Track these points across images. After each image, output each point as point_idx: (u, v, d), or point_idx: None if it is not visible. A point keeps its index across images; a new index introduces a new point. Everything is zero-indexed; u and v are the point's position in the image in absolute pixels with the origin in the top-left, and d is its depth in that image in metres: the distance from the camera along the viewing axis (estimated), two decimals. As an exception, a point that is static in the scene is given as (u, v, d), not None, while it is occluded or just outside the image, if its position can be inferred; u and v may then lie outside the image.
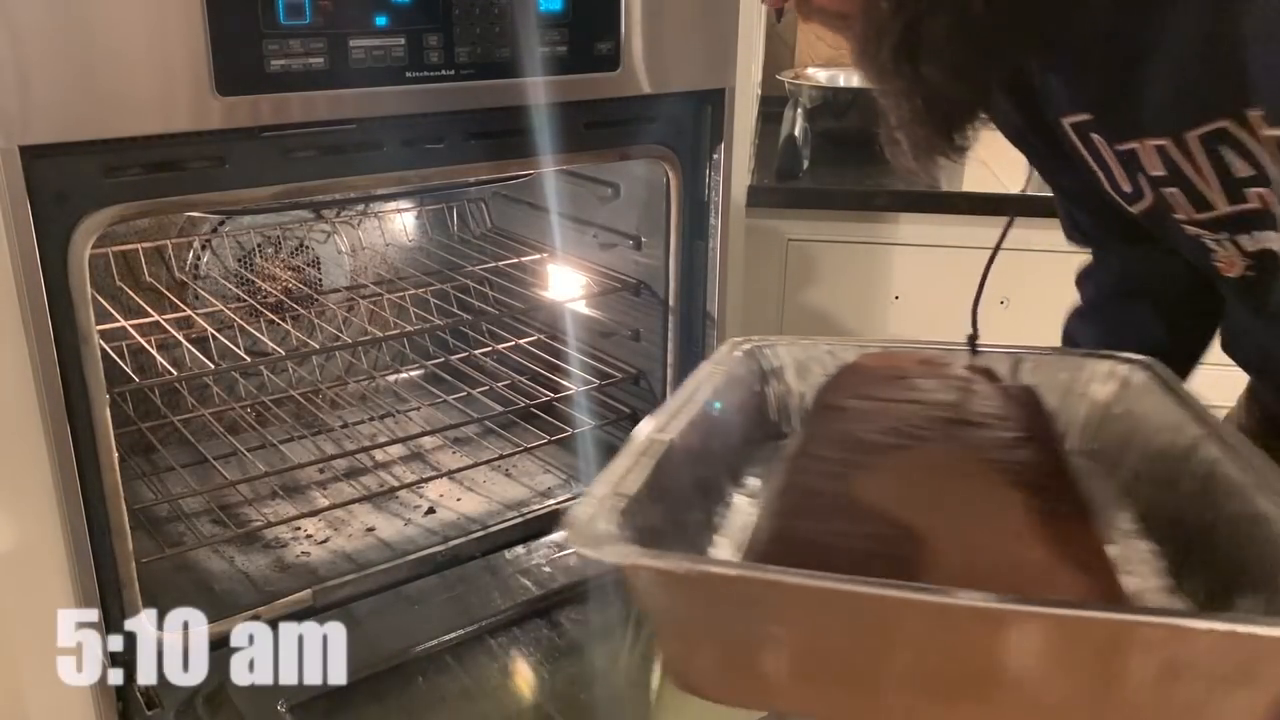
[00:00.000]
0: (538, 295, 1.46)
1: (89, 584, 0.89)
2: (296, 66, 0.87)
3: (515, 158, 1.04)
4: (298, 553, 1.16)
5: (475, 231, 1.64)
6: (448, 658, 0.99)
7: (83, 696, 0.89)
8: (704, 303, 1.24)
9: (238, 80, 0.84)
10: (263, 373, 1.46)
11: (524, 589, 1.08)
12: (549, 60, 0.99)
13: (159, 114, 0.82)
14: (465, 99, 0.97)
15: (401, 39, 0.91)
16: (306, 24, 0.86)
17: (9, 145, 0.76)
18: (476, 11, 0.95)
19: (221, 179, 0.87)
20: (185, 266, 1.39)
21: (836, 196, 1.66)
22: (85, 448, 0.86)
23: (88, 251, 0.83)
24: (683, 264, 1.23)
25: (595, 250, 1.39)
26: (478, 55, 0.96)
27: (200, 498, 1.23)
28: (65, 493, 0.85)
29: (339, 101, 0.90)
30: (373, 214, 1.55)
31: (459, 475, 1.31)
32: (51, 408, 0.83)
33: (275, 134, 0.88)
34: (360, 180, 0.97)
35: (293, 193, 0.94)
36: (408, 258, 1.60)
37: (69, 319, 0.83)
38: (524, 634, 1.03)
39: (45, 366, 0.82)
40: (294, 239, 1.49)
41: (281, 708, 0.89)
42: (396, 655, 0.97)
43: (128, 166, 0.83)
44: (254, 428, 1.42)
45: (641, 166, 1.23)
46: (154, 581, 0.99)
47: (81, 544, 0.87)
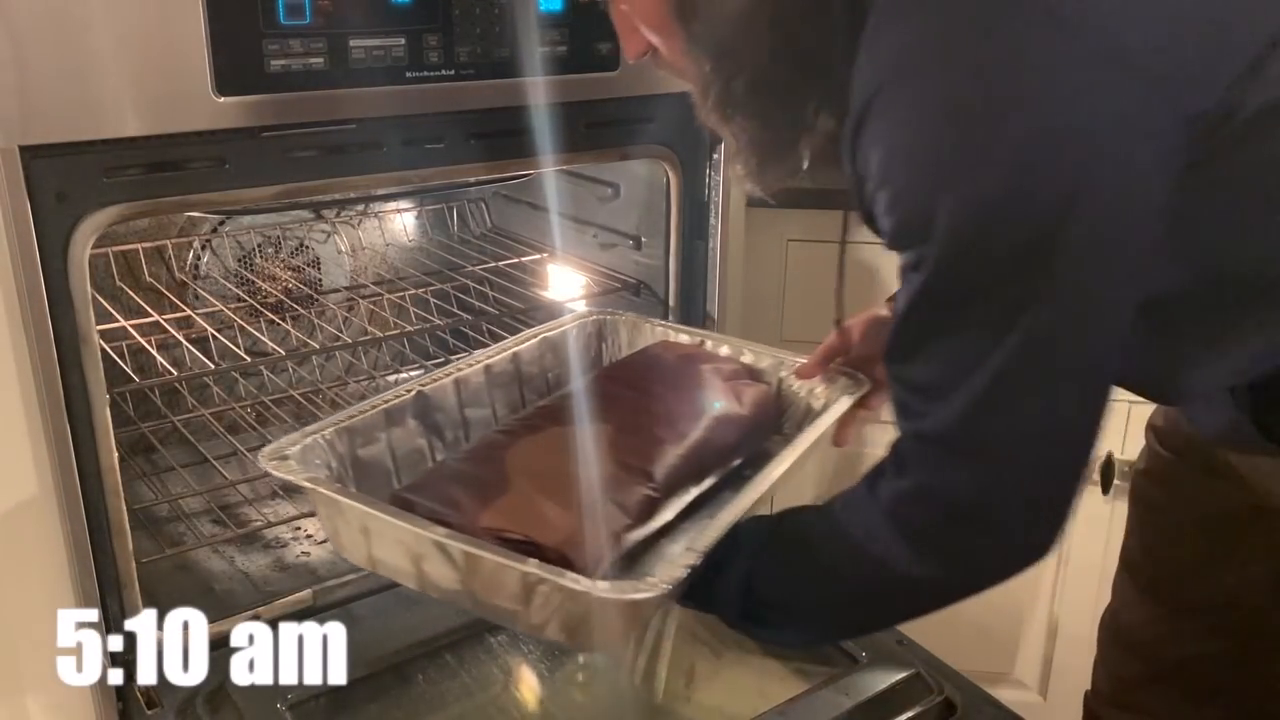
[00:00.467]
0: (538, 295, 1.46)
1: (89, 584, 0.89)
2: (296, 66, 0.87)
3: (515, 158, 1.04)
4: (298, 553, 1.16)
5: (475, 231, 1.64)
6: (448, 657, 0.99)
7: (83, 696, 0.89)
8: (704, 303, 1.24)
9: (238, 80, 0.84)
10: (263, 373, 1.46)
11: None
12: (549, 60, 0.99)
13: (159, 114, 0.82)
14: (465, 99, 0.97)
15: (401, 39, 0.91)
16: (306, 24, 0.86)
17: (9, 145, 0.77)
18: (476, 11, 0.95)
19: (221, 179, 0.87)
20: (185, 266, 1.39)
21: (836, 196, 1.65)
22: (85, 448, 0.86)
23: (88, 251, 0.83)
24: (683, 264, 1.23)
25: (595, 250, 1.39)
26: (478, 55, 0.96)
27: (200, 498, 1.23)
28: (65, 493, 0.85)
29: (339, 101, 0.90)
30: (373, 214, 1.55)
31: (459, 475, 1.31)
32: (51, 408, 0.83)
33: (275, 134, 0.88)
34: (360, 180, 0.97)
35: (293, 193, 0.94)
36: (408, 258, 1.59)
37: (69, 319, 0.83)
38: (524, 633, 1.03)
39: (45, 366, 0.82)
40: (294, 239, 1.49)
41: (281, 707, 0.89)
42: (396, 655, 0.97)
43: (128, 166, 0.83)
44: (254, 428, 1.42)
45: (641, 166, 1.23)
46: (154, 581, 0.99)
47: (81, 544, 0.87)
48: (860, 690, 0.92)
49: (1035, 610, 1.51)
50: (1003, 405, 0.60)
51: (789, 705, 0.90)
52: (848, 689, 0.92)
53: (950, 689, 0.93)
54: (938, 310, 0.60)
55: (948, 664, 0.97)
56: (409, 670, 0.97)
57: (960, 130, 0.56)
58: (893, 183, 0.59)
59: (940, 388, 0.61)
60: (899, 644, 0.98)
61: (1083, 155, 0.55)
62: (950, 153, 0.56)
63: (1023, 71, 0.55)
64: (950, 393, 0.60)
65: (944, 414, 0.61)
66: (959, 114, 0.56)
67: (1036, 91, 0.55)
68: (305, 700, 0.90)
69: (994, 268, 0.57)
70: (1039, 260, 0.56)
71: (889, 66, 0.58)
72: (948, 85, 0.56)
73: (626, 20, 0.75)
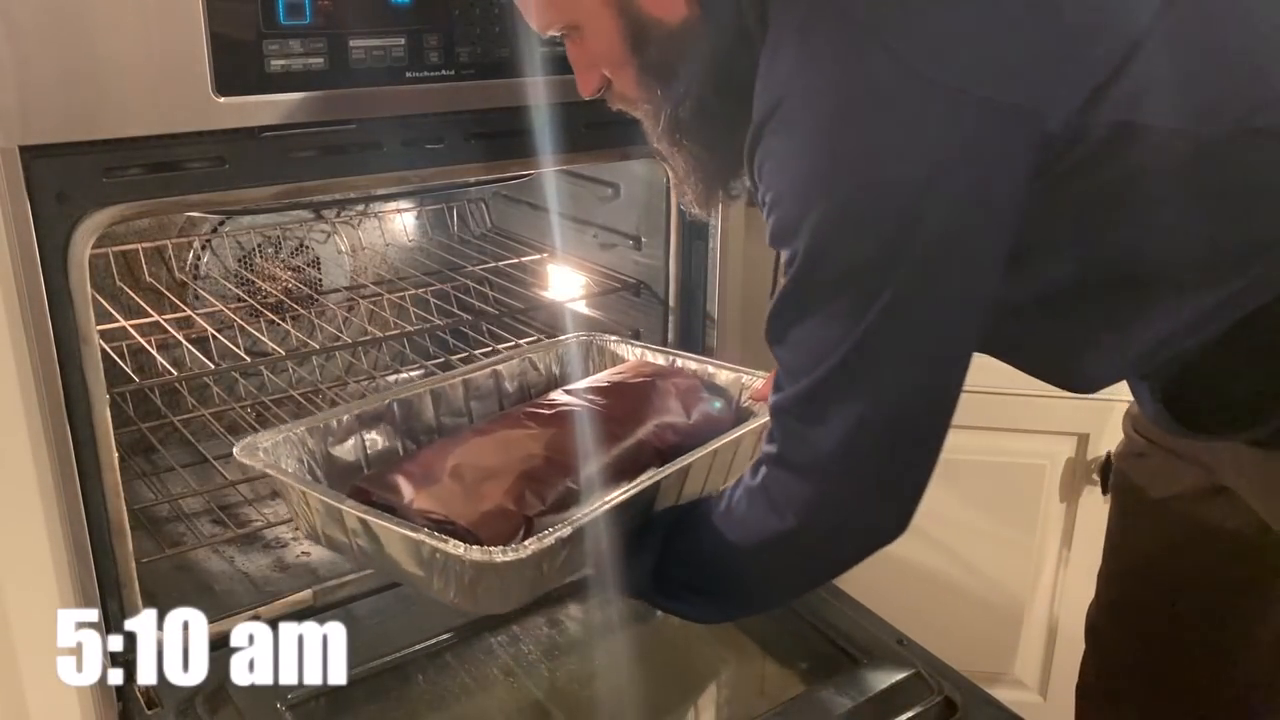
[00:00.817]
0: (538, 295, 1.46)
1: (89, 584, 0.89)
2: (296, 66, 0.87)
3: (515, 158, 1.04)
4: (298, 553, 1.16)
5: (475, 231, 1.64)
6: (448, 657, 0.99)
7: (83, 696, 0.89)
8: (704, 303, 1.24)
9: (238, 80, 0.84)
10: (263, 373, 1.46)
11: (524, 589, 1.08)
12: (549, 60, 0.99)
13: (159, 114, 0.82)
14: (465, 99, 0.97)
15: (401, 39, 0.91)
16: (306, 24, 0.86)
17: (9, 145, 0.76)
18: (476, 11, 0.95)
19: (221, 179, 0.87)
20: (185, 267, 1.39)
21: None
22: (85, 448, 0.86)
23: (88, 251, 0.83)
24: (683, 264, 1.23)
25: (595, 250, 1.39)
26: (478, 55, 0.96)
27: (200, 498, 1.23)
28: (65, 493, 0.85)
29: (339, 101, 0.90)
30: (373, 214, 1.55)
31: (459, 475, 1.31)
32: (51, 408, 0.83)
33: (275, 134, 0.88)
34: (360, 180, 0.97)
35: (293, 193, 0.94)
36: (408, 258, 1.59)
37: (69, 319, 0.83)
38: (524, 633, 1.03)
39: (45, 366, 0.82)
40: (294, 239, 1.49)
41: (281, 707, 0.89)
42: (396, 655, 0.97)
43: (128, 166, 0.83)
44: (254, 428, 1.41)
45: (641, 166, 1.23)
46: (154, 581, 0.99)
47: (81, 544, 0.87)
48: (860, 690, 0.92)
49: (1035, 610, 1.51)
50: (847, 388, 0.68)
51: (789, 705, 0.91)
52: (848, 689, 0.92)
53: (950, 689, 0.93)
54: (802, 301, 0.69)
55: (948, 664, 0.97)
56: (409, 670, 0.97)
57: (824, 154, 0.66)
58: (774, 190, 0.68)
59: (800, 368, 0.70)
60: (899, 644, 0.98)
61: (925, 176, 0.63)
62: (815, 171, 0.66)
63: (877, 107, 0.64)
64: (804, 375, 0.70)
65: (797, 391, 0.70)
66: (824, 140, 0.66)
67: (887, 123, 0.64)
68: (305, 700, 0.90)
69: (847, 270, 0.66)
70: (885, 266, 0.65)
71: (777, 93, 0.67)
72: (819, 116, 0.66)
73: (581, 57, 0.82)
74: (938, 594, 1.47)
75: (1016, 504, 1.46)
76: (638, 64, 0.78)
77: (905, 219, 0.64)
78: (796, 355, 0.71)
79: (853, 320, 0.66)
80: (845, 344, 0.67)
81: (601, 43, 0.78)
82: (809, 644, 1.01)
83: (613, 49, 0.78)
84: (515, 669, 0.99)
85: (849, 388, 0.68)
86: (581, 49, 0.81)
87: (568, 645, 1.03)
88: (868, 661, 0.96)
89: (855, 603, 1.05)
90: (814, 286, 0.68)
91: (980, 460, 1.41)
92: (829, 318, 0.67)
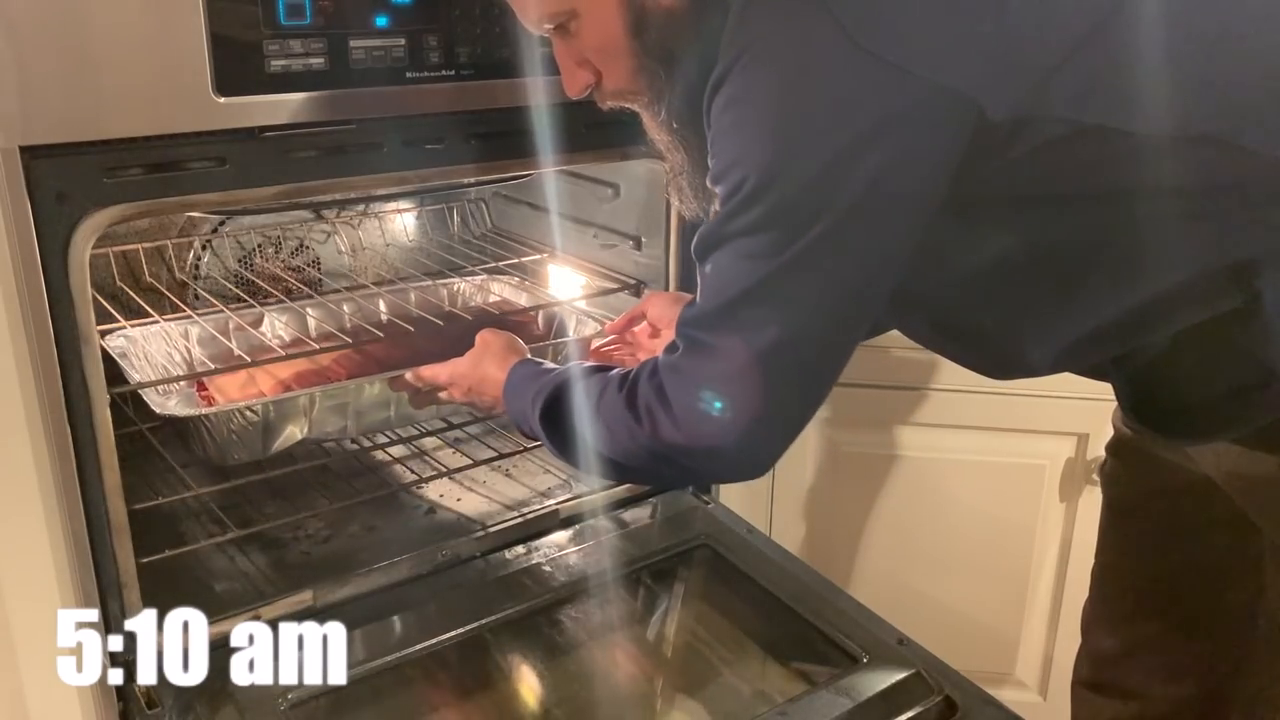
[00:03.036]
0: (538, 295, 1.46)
1: (89, 584, 0.89)
2: (296, 67, 0.87)
3: (515, 158, 1.04)
4: (298, 553, 1.16)
5: (475, 231, 1.64)
6: (448, 657, 0.99)
7: (83, 696, 0.89)
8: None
9: (238, 80, 0.84)
10: (263, 373, 1.46)
11: (524, 589, 1.08)
12: (549, 60, 0.99)
13: (159, 114, 0.82)
14: (465, 99, 0.97)
15: (401, 39, 0.92)
16: (306, 24, 0.86)
17: (9, 145, 0.77)
18: (476, 11, 0.95)
19: (221, 179, 0.87)
20: (185, 267, 1.39)
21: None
22: (85, 448, 0.86)
23: (88, 251, 0.83)
24: (683, 264, 1.23)
25: (595, 250, 1.39)
26: (478, 55, 0.96)
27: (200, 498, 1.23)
28: (65, 492, 0.85)
29: (339, 101, 0.90)
30: (373, 214, 1.55)
31: (459, 475, 1.31)
32: (51, 408, 0.83)
33: (275, 134, 0.88)
34: (360, 180, 0.97)
35: (292, 193, 0.94)
36: (408, 258, 1.59)
37: (69, 319, 0.83)
38: (524, 633, 1.03)
39: (45, 366, 0.82)
40: (294, 239, 1.49)
41: (282, 707, 0.89)
42: (396, 655, 0.97)
43: (128, 166, 0.83)
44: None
45: (641, 166, 1.23)
46: (154, 581, 0.99)
47: (81, 544, 0.87)
48: (860, 690, 0.92)
49: (1035, 611, 1.51)
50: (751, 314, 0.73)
51: (789, 705, 0.91)
52: (848, 689, 0.92)
53: (950, 689, 0.93)
54: (734, 229, 0.73)
55: (948, 664, 0.97)
56: (409, 670, 0.97)
57: (771, 108, 0.71)
58: (722, 132, 0.73)
59: (718, 289, 0.75)
60: (899, 644, 0.98)
61: (854, 140, 0.69)
62: (760, 120, 0.71)
63: (820, 71, 0.70)
64: (718, 295, 0.74)
65: (706, 308, 0.75)
66: (772, 95, 0.71)
67: (827, 86, 0.69)
68: (305, 700, 0.90)
69: (775, 208, 0.71)
70: (810, 211, 0.70)
71: (738, 47, 0.71)
72: (769, 72, 0.71)
73: (571, 53, 0.82)
74: (938, 594, 1.47)
75: (1016, 504, 1.46)
76: (637, 50, 0.79)
77: (833, 175, 0.69)
78: (717, 275, 0.75)
79: (774, 254, 0.71)
80: (761, 274, 0.72)
81: (600, 30, 0.79)
82: (809, 644, 1.01)
83: (613, 36, 0.78)
84: (515, 669, 0.99)
85: (753, 314, 0.73)
86: (572, 44, 0.81)
87: (568, 645, 1.03)
88: (868, 661, 0.96)
89: (855, 603, 1.05)
90: (746, 219, 0.72)
91: (980, 460, 1.41)
92: (753, 248, 0.73)
